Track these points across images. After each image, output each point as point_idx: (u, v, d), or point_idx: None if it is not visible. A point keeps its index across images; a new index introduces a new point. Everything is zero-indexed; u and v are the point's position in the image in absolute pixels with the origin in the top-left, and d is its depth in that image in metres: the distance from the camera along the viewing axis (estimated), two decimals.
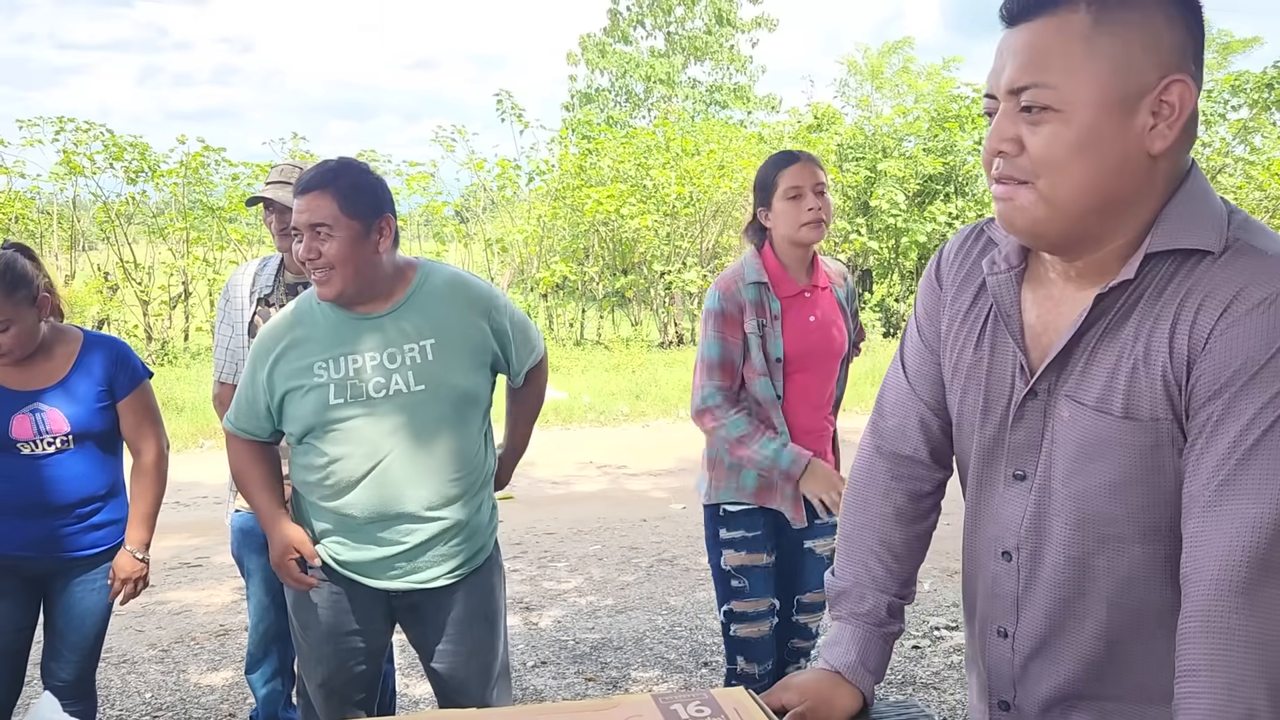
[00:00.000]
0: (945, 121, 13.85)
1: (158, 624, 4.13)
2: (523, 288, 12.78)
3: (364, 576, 2.15)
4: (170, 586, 4.59)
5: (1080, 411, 1.12)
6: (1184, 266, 1.06)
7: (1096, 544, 1.13)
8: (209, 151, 11.02)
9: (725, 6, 28.12)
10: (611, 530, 5.50)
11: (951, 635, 3.90)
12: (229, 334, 2.73)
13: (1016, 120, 1.07)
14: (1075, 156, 1.04)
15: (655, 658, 3.76)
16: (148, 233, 11.28)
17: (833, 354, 2.60)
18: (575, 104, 27.77)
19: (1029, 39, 1.06)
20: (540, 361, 2.37)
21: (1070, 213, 1.07)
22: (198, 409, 8.17)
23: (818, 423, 2.60)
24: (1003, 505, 1.21)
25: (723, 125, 17.92)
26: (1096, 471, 1.11)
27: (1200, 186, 1.09)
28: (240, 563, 2.82)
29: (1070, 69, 1.03)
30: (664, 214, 12.43)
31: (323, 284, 2.02)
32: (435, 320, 2.10)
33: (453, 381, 2.09)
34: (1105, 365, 1.10)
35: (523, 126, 13.09)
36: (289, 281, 2.73)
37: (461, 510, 2.14)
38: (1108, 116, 1.03)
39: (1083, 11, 1.03)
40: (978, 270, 1.25)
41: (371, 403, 2.05)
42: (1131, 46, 1.03)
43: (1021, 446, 1.18)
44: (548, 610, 4.26)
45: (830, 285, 2.63)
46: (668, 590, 4.51)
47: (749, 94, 28.55)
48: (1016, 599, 1.21)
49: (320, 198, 1.99)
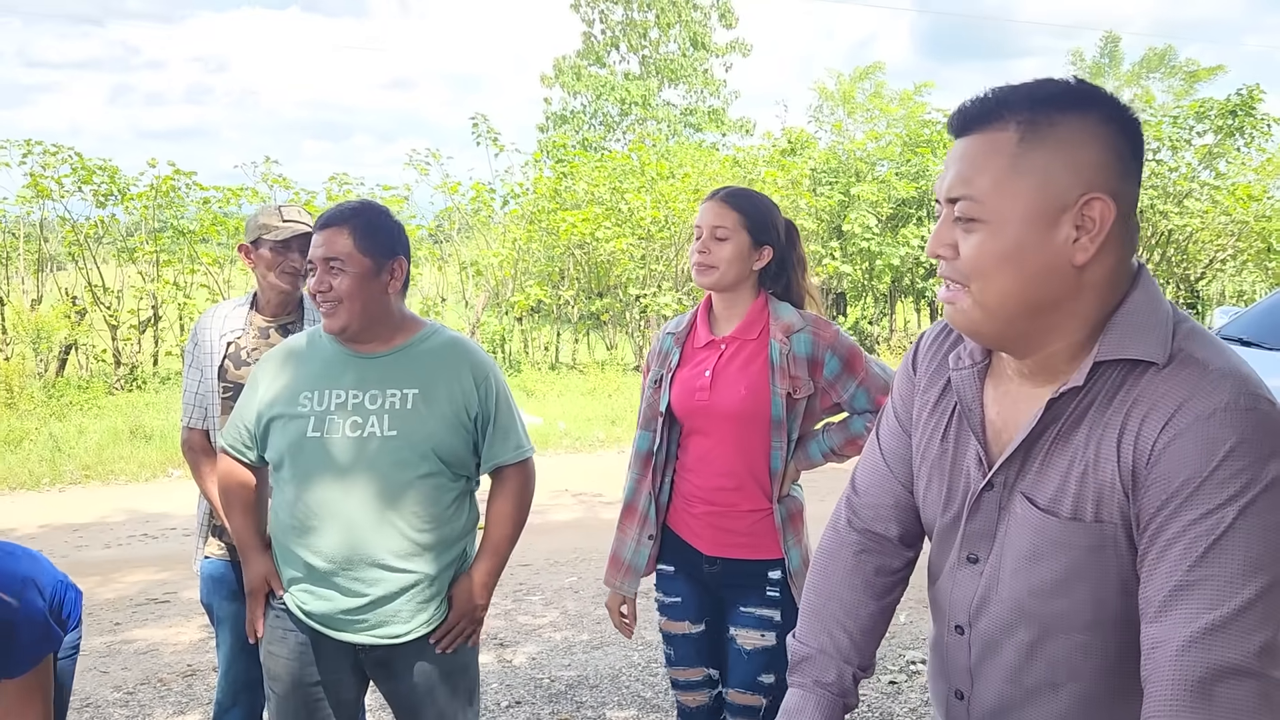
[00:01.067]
0: (917, 146, 14.00)
1: (123, 664, 4.04)
2: (498, 311, 12.74)
3: (330, 629, 2.11)
4: (137, 624, 4.49)
5: (1030, 511, 1.17)
6: (1131, 375, 1.11)
7: (1040, 632, 1.19)
8: (180, 175, 10.92)
9: (699, 31, 28.35)
10: (588, 561, 5.45)
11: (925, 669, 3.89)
12: (198, 379, 2.69)
13: (953, 226, 1.14)
14: (1000, 265, 1.11)
15: (632, 696, 3.71)
16: (117, 255, 11.15)
17: (731, 416, 2.26)
18: (550, 126, 27.84)
19: (965, 152, 1.14)
20: (519, 467, 2.23)
21: (1000, 316, 1.13)
22: (166, 437, 8.05)
23: (725, 497, 2.30)
24: (957, 584, 1.27)
25: (697, 149, 18.03)
26: (1042, 568, 1.16)
27: (1147, 295, 1.14)
28: (210, 610, 2.75)
29: (997, 184, 1.10)
30: (639, 237, 12.44)
31: (329, 316, 2.07)
32: (425, 373, 2.11)
33: (426, 433, 2.07)
34: (1059, 468, 1.15)
35: (498, 150, 13.08)
36: (261, 324, 2.70)
37: (430, 565, 2.10)
38: (1030, 229, 1.10)
39: (1011, 130, 1.10)
40: (946, 365, 1.31)
41: (345, 441, 2.06)
42: (1053, 165, 1.09)
43: (976, 534, 1.24)
44: (522, 646, 4.21)
45: (769, 338, 2.28)
46: (644, 624, 4.46)
47: (723, 118, 28.74)
48: (969, 669, 1.28)
49: (338, 234, 2.05)
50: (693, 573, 2.39)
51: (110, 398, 10.01)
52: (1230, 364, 1.08)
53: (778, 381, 2.25)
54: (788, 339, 2.27)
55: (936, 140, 14.04)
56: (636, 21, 28.29)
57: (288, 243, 2.63)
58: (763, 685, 2.31)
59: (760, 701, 2.31)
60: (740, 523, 2.31)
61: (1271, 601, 0.99)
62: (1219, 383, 1.05)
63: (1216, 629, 0.98)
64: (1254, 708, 0.97)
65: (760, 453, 2.29)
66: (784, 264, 2.38)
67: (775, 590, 2.31)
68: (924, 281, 13.71)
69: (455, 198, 12.82)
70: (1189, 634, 0.99)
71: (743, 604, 2.32)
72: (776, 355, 2.26)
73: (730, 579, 2.33)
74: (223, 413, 2.64)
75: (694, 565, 2.38)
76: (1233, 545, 1.00)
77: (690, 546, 2.37)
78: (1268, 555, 1.00)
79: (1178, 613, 1.01)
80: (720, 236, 2.30)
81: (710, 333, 2.36)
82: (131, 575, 5.13)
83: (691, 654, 2.41)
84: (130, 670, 3.98)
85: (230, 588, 2.69)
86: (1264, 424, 1.03)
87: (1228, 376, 1.06)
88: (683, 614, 2.41)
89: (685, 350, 2.39)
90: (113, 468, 7.48)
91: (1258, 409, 1.04)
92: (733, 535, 2.32)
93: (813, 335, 2.28)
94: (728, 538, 2.32)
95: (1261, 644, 0.98)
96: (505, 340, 12.45)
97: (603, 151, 18.68)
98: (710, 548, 2.34)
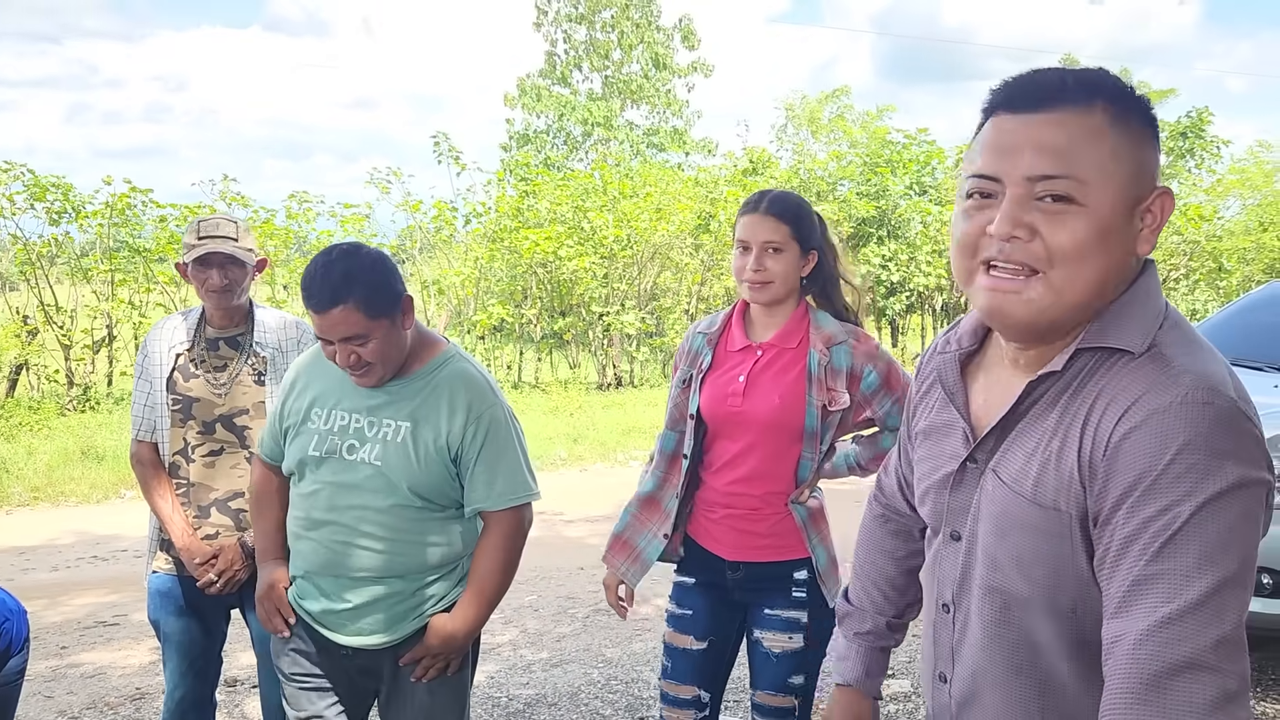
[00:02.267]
0: (878, 166, 14.15)
1: (69, 689, 3.93)
2: (460, 330, 12.67)
3: (322, 627, 2.16)
4: (84, 647, 4.38)
5: (999, 487, 1.19)
6: (1104, 364, 1.11)
7: (1003, 610, 1.20)
8: (136, 192, 10.76)
9: (662, 51, 28.55)
10: (548, 580, 5.41)
11: (889, 683, 3.89)
12: (147, 390, 2.64)
13: (1029, 207, 1.09)
14: (1093, 252, 1.08)
15: (590, 714, 3.67)
16: (71, 274, 10.96)
17: (763, 424, 2.23)
18: (513, 146, 27.85)
19: (1051, 130, 1.08)
20: (505, 515, 2.12)
21: (1072, 305, 1.11)
22: (119, 458, 7.89)
23: (746, 501, 2.28)
24: (943, 561, 1.30)
25: (660, 168, 18.09)
26: (1007, 545, 1.17)
27: (1146, 287, 1.15)
28: (156, 627, 2.69)
29: (1100, 167, 1.07)
30: (602, 256, 12.45)
31: (363, 379, 2.06)
32: (421, 407, 2.09)
33: (405, 470, 2.06)
34: (1025, 448, 1.16)
35: (460, 168, 13.05)
36: (210, 336, 2.66)
37: (410, 583, 2.12)
38: (1121, 217, 1.09)
39: (1099, 112, 1.08)
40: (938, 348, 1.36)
41: (341, 463, 2.09)
42: (1140, 155, 1.10)
43: (958, 510, 1.27)
44: (481, 666, 4.15)
45: (808, 348, 2.24)
46: (604, 642, 4.43)
47: (686, 138, 28.91)
48: (952, 649, 1.30)
49: (346, 313, 1.96)
50: (714, 584, 2.37)
51: (62, 419, 9.81)
52: (1197, 361, 1.08)
53: (814, 392, 2.22)
54: (828, 350, 2.24)
55: (896, 160, 14.22)
56: (599, 41, 28.43)
57: (205, 260, 2.57)
58: (793, 686, 2.30)
59: (792, 702, 2.31)
60: (761, 525, 2.29)
61: (1227, 596, 0.98)
62: (1178, 377, 1.05)
63: (1172, 623, 0.98)
64: (1209, 702, 0.95)
65: (788, 461, 2.27)
66: (823, 260, 2.33)
67: (801, 591, 2.29)
68: (885, 300, 13.83)
69: (417, 216, 12.76)
70: (1145, 628, 0.99)
71: (768, 607, 2.30)
72: (815, 366, 2.23)
73: (754, 583, 2.32)
74: (172, 425, 2.60)
75: (717, 574, 2.35)
76: (1188, 540, 0.99)
77: (712, 555, 2.35)
78: (1223, 550, 0.99)
79: (1135, 608, 1.01)
80: (775, 249, 2.24)
81: (746, 337, 2.32)
82: (80, 598, 5.00)
83: (688, 670, 2.38)
84: (76, 695, 3.88)
85: (177, 603, 2.63)
86: (1220, 420, 1.02)
87: (1188, 372, 1.05)
88: (690, 628, 2.38)
89: (718, 353, 2.35)
90: (63, 489, 7.32)
91: (1214, 404, 1.03)
92: (755, 538, 2.30)
93: (852, 348, 2.25)
94: (750, 540, 2.30)
95: (1217, 638, 0.97)
96: None
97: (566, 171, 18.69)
98: (732, 553, 2.32)
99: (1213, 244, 14.58)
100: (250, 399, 2.61)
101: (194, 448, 2.60)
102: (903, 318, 14.50)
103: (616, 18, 28.12)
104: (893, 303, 13.77)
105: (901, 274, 13.49)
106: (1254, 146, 17.57)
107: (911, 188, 14.06)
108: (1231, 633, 0.98)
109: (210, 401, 2.60)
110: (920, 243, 13.50)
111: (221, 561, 2.56)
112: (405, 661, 2.13)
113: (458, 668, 2.18)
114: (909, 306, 14.19)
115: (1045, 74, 1.12)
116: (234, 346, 2.65)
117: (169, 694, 2.69)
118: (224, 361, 2.64)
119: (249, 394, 2.62)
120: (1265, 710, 3.64)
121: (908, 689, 3.81)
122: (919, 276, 13.45)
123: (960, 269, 1.16)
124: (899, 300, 13.81)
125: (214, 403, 2.60)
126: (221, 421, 2.60)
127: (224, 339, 2.66)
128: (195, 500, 2.60)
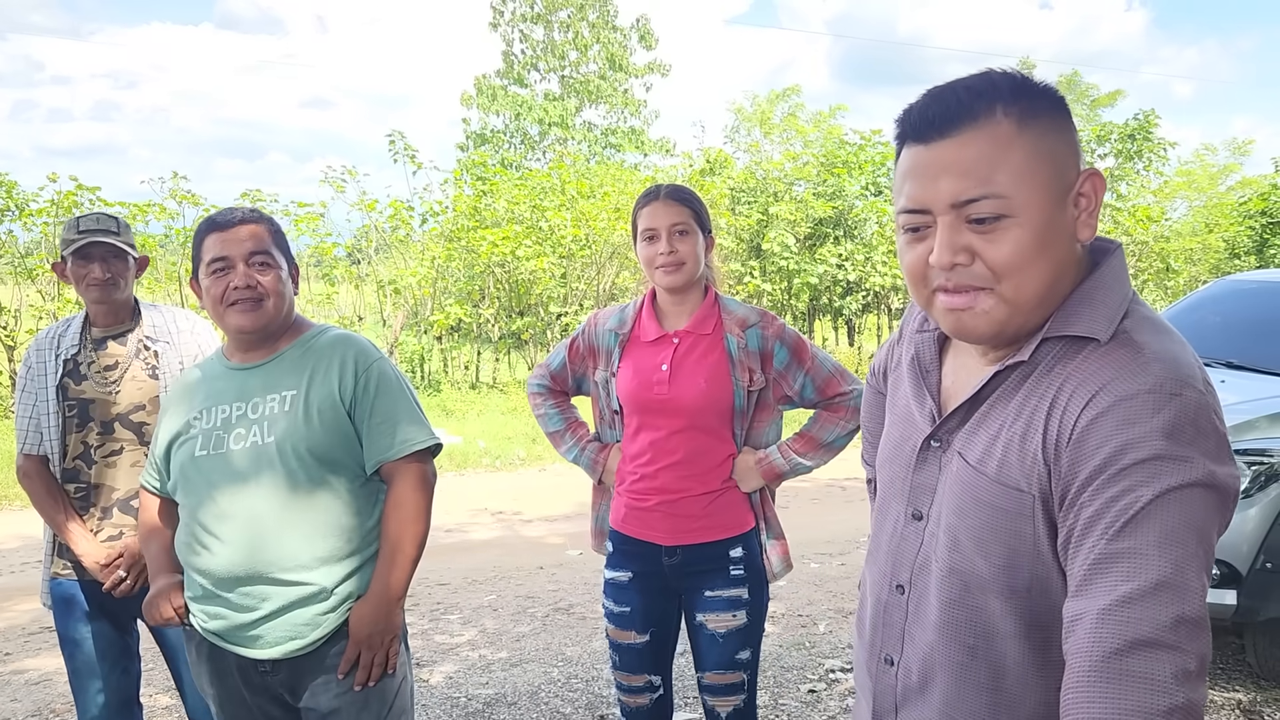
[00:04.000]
0: (834, 167, 14.24)
1: (13, 696, 3.83)
2: (417, 330, 12.56)
3: (230, 644, 2.01)
4: (29, 654, 4.27)
5: (964, 468, 1.20)
6: (1070, 350, 1.12)
7: (962, 591, 1.20)
8: (82, 190, 10.53)
9: (618, 52, 28.54)
10: (507, 579, 5.37)
11: (846, 678, 3.90)
12: (31, 403, 2.57)
13: (962, 231, 1.10)
14: (1037, 257, 1.09)
15: (550, 712, 3.65)
16: (14, 274, 10.70)
17: (692, 408, 2.29)
18: (470, 146, 27.67)
19: (960, 153, 1.08)
20: (409, 464, 2.03)
21: (1028, 309, 1.12)
22: None
23: (681, 485, 2.32)
24: (901, 541, 1.30)
25: (618, 168, 18.07)
26: (968, 524, 1.18)
27: (1110, 273, 1.15)
28: (64, 636, 2.60)
29: (1016, 175, 1.07)
30: (560, 256, 12.40)
31: (249, 313, 1.99)
32: (304, 372, 2.03)
33: (299, 434, 1.97)
34: (989, 431, 1.18)
35: (416, 167, 12.92)
36: (96, 337, 2.61)
37: (323, 577, 1.97)
38: (1054, 213, 1.10)
39: (1001, 119, 1.08)
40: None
41: (230, 455, 1.99)
42: (1056, 145, 1.09)
43: (920, 489, 1.28)
44: (439, 666, 4.11)
45: (724, 333, 2.33)
46: (564, 640, 4.41)
47: (643, 138, 28.92)
48: (903, 630, 1.29)
49: (257, 229, 2.02)
50: (648, 574, 2.39)
51: (6, 420, 9.57)
52: (1168, 350, 1.08)
53: (738, 373, 2.31)
54: (743, 333, 2.33)
55: (852, 161, 14.32)
56: (556, 42, 28.36)
57: (86, 253, 2.52)
58: (741, 662, 2.36)
59: (741, 677, 2.37)
60: (694, 507, 2.33)
61: (1187, 576, 0.98)
62: (1148, 365, 1.05)
63: (1131, 602, 0.98)
64: (1167, 681, 0.95)
65: (719, 442, 2.34)
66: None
67: (739, 568, 2.35)
68: (841, 300, 13.93)
69: (373, 216, 12.62)
70: (1104, 605, 0.99)
71: (708, 589, 2.35)
72: (735, 349, 2.32)
73: (692, 565, 2.36)
74: (69, 431, 2.54)
75: (652, 562, 2.38)
76: (1150, 521, 0.99)
77: (647, 544, 2.38)
78: (1184, 533, 0.99)
79: (1096, 586, 1.01)
80: (683, 231, 2.31)
81: (660, 327, 2.37)
82: (23, 604, 4.88)
83: (635, 662, 2.44)
84: (20, 702, 3.78)
85: (83, 608, 2.58)
86: (1186, 411, 1.02)
87: (1159, 360, 1.06)
88: (630, 624, 2.42)
89: (629, 346, 2.40)
90: (6, 491, 7.15)
91: (1183, 395, 1.03)
92: (690, 520, 2.34)
93: (761, 330, 2.34)
94: (685, 524, 2.34)
95: (1176, 617, 0.97)
96: (424, 360, 12.27)
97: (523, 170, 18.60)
98: (669, 537, 2.35)
99: (1161, 244, 14.86)
100: (145, 394, 2.57)
101: (94, 449, 2.55)
102: (859, 317, 14.61)
103: (573, 18, 28.07)
104: (849, 302, 13.86)
105: (858, 273, 13.58)
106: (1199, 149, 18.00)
107: (867, 188, 14.17)
108: (1191, 612, 0.98)
109: (105, 401, 2.55)
110: (876, 243, 13.61)
111: (127, 558, 2.51)
112: (344, 671, 1.99)
113: (396, 652, 2.05)
114: (865, 306, 14.29)
115: (940, 94, 1.11)
116: (122, 343, 2.61)
117: (88, 702, 2.59)
118: (114, 360, 2.59)
119: (144, 389, 2.58)
120: (1213, 698, 3.71)
121: None
122: (875, 276, 13.55)
123: (917, 296, 1.19)
124: (855, 300, 13.90)
125: (109, 402, 2.55)
126: (119, 420, 2.56)
127: (110, 337, 2.61)
128: (98, 502, 2.56)
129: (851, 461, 2.33)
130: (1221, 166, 22.94)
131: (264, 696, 2.06)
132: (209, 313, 2.05)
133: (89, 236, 2.51)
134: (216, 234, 2.01)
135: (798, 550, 5.82)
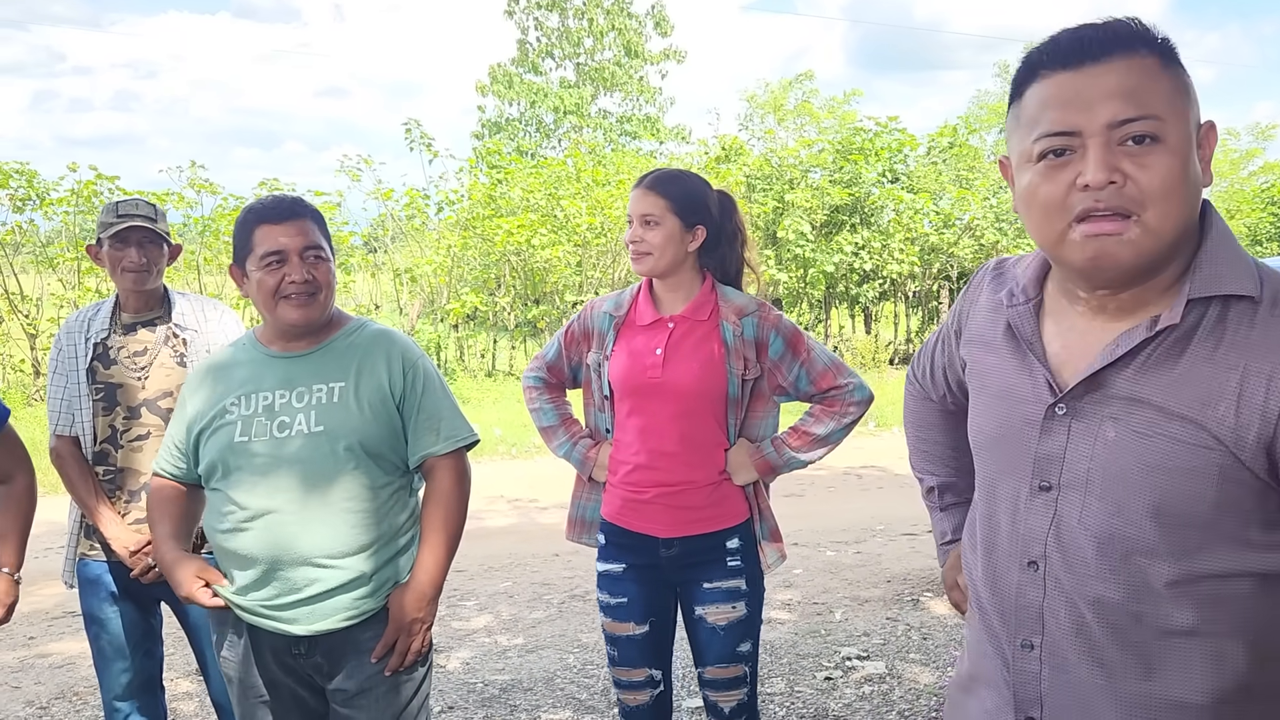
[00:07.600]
0: (850, 153, 14.16)
1: (37, 679, 3.89)
2: (433, 318, 12.61)
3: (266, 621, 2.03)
4: (53, 638, 4.34)
5: (1126, 434, 1.16)
6: (1231, 310, 1.13)
7: (1121, 560, 1.16)
8: (102, 179, 10.61)
9: (634, 39, 28.46)
10: (523, 566, 5.40)
11: (863, 665, 3.91)
12: (63, 385, 2.61)
13: (1115, 152, 1.11)
14: (1180, 186, 1.11)
15: (566, 698, 3.67)
16: (36, 263, 10.80)
17: (686, 393, 2.27)
18: (485, 134, 27.69)
19: (1119, 77, 1.11)
20: (451, 460, 2.10)
21: (1168, 242, 1.13)
22: None
23: (677, 475, 2.29)
24: (1029, 515, 1.25)
25: (633, 156, 18.04)
26: (1135, 492, 1.15)
27: (1225, 228, 1.18)
28: (90, 616, 2.63)
29: (1169, 103, 1.11)
30: (575, 244, 12.41)
31: (304, 307, 2.02)
32: (350, 365, 2.07)
33: (351, 426, 2.01)
34: (1156, 392, 1.14)
35: (431, 156, 12.95)
36: (126, 322, 2.64)
37: (364, 563, 2.02)
38: (1191, 149, 1.12)
39: (1146, 55, 1.12)
40: (1000, 303, 1.34)
41: (275, 442, 2.01)
42: (1190, 92, 1.14)
43: (1047, 460, 1.23)
44: (455, 652, 4.15)
45: (720, 320, 2.30)
46: (579, 627, 4.43)
47: (659, 125, 28.85)
48: (1041, 609, 1.24)
49: (307, 225, 2.03)
50: (645, 566, 2.37)
51: (29, 409, 9.67)
52: None
53: (733, 361, 2.29)
54: (739, 321, 2.31)
55: (868, 148, 14.24)
56: (571, 29, 28.30)
57: (124, 237, 2.55)
58: (741, 654, 2.33)
59: (743, 670, 2.34)
60: (696, 497, 2.30)
61: None
62: None
63: None
64: None
65: (710, 428, 2.30)
66: (719, 238, 2.38)
67: (736, 559, 2.32)
68: (858, 288, 13.89)
69: (389, 204, 12.67)
70: None
71: (706, 581, 2.32)
72: (730, 337, 2.29)
73: (689, 558, 2.33)
74: (96, 415, 2.57)
75: (648, 554, 2.35)
76: None
77: (643, 536, 2.35)
78: None
79: None
80: (649, 222, 2.30)
81: (656, 311, 2.36)
82: (48, 588, 4.94)
83: (635, 655, 2.40)
84: (44, 685, 3.83)
85: (109, 589, 2.61)
86: None
87: None
88: (628, 616, 2.39)
89: (624, 329, 2.38)
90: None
91: None
92: (691, 511, 2.31)
93: (759, 319, 2.32)
94: (687, 515, 2.31)
95: None
96: (440, 348, 12.32)
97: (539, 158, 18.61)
98: (668, 529, 2.32)
99: None
100: (174, 381, 2.59)
101: (121, 434, 2.58)
102: (875, 305, 14.56)
103: (588, 4, 28.00)
104: (866, 290, 13.81)
105: (875, 261, 13.53)
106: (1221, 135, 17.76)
107: (884, 175, 14.09)
108: None
109: (133, 387, 2.58)
110: (893, 230, 13.54)
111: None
112: (378, 655, 2.03)
113: (429, 639, 2.09)
114: (882, 294, 14.24)
115: (1086, 30, 1.15)
116: (152, 330, 2.64)
117: (112, 682, 2.64)
118: (143, 346, 2.62)
119: (171, 376, 2.60)
120: None
121: (882, 670, 3.84)
122: (892, 264, 13.50)
123: (1048, 231, 1.16)
124: (872, 288, 13.85)
125: (137, 388, 2.58)
126: (146, 405, 2.58)
127: (140, 323, 2.64)
128: (125, 486, 2.59)
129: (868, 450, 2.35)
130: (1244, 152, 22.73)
131: (295, 678, 2.10)
132: (256, 303, 2.06)
133: (128, 221, 2.54)
134: (269, 226, 2.01)
135: (814, 538, 5.84)
